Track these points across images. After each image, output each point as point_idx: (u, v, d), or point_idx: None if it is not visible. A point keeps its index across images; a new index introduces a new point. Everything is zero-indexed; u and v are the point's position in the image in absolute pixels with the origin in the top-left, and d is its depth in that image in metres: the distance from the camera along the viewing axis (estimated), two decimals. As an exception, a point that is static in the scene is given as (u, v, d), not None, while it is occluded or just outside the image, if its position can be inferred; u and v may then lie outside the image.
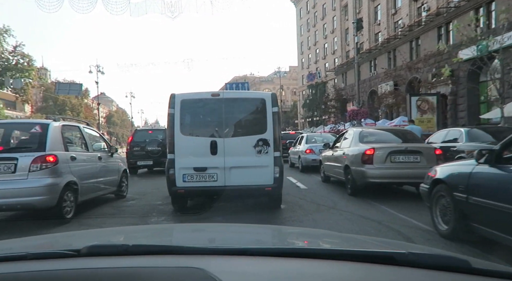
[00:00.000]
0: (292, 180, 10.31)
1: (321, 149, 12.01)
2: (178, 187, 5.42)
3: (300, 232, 1.95)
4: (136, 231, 1.94)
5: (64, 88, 28.33)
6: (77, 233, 2.26)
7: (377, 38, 38.84)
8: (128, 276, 0.85)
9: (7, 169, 4.95)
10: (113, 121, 79.07)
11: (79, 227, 5.19)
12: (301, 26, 56.75)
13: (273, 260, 0.99)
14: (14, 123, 8.14)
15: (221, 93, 5.82)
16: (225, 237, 1.56)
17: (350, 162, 7.21)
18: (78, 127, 6.54)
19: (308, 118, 50.93)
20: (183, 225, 2.64)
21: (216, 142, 5.46)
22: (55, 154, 5.25)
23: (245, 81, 28.89)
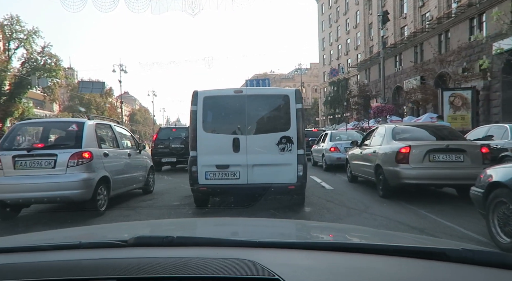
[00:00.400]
0: (316, 179, 9.71)
1: (347, 146, 11.34)
2: (200, 184, 5.36)
3: (341, 228, 1.95)
4: (173, 224, 1.98)
5: (87, 86, 28.76)
6: (119, 225, 2.38)
7: (402, 32, 37.36)
8: (176, 266, 0.86)
9: (47, 164, 5.26)
10: (136, 119, 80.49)
11: (112, 219, 5.41)
12: (322, 21, 55.51)
13: (324, 254, 0.99)
14: (53, 122, 8.48)
15: (244, 89, 5.70)
16: (265, 231, 1.53)
17: (382, 161, 6.55)
18: (109, 125, 6.82)
19: (329, 116, 49.87)
20: (217, 219, 2.64)
21: (239, 139, 5.37)
22: (90, 150, 5.53)
23: (266, 77, 28.28)
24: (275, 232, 1.55)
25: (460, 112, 14.20)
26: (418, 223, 4.67)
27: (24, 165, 5.29)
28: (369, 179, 7.55)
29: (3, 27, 35.45)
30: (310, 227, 1.84)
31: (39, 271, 0.87)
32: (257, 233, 1.50)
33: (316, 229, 1.73)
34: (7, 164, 5.27)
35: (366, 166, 7.47)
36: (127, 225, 2.24)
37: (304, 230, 1.66)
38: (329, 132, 12.80)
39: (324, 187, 8.30)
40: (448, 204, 5.88)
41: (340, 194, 7.24)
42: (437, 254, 0.96)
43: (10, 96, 35.55)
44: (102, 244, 1.07)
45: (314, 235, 1.54)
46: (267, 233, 1.51)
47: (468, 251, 0.95)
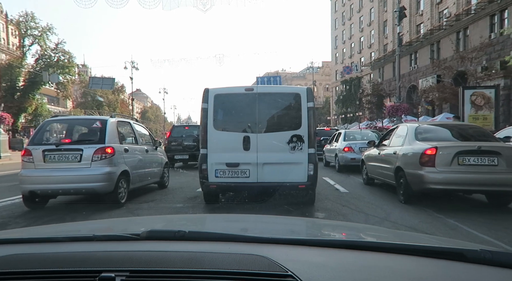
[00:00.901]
0: (329, 181, 9.14)
1: (362, 147, 10.73)
2: (210, 182, 5.34)
3: (353, 226, 1.91)
4: (185, 219, 2.02)
5: (97, 82, 28.62)
6: (132, 219, 2.38)
7: (418, 29, 36.28)
8: (188, 260, 0.87)
9: (74, 158, 5.65)
10: (147, 116, 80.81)
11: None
12: (335, 19, 54.49)
13: (337, 251, 0.99)
14: (78, 119, 8.84)
15: (255, 87, 5.59)
16: (276, 228, 1.52)
17: (404, 164, 5.96)
18: (129, 123, 7.16)
19: (341, 115, 48.95)
20: (228, 215, 2.56)
21: (249, 137, 5.31)
22: (113, 146, 5.87)
23: (277, 75, 27.58)
24: (286, 229, 1.52)
25: (482, 112, 13.36)
26: (448, 235, 4.08)
27: (53, 158, 5.67)
28: (387, 182, 6.95)
29: (18, 24, 35.72)
30: (321, 224, 1.82)
31: (56, 261, 0.90)
32: (268, 229, 1.49)
33: (327, 227, 1.71)
34: (38, 158, 5.65)
35: (385, 168, 6.87)
36: (140, 219, 2.26)
37: (315, 228, 1.63)
38: (343, 131, 12.18)
39: (339, 189, 7.73)
40: (480, 213, 5.26)
41: (356, 198, 6.67)
42: (455, 255, 0.95)
43: (24, 92, 35.87)
44: (115, 237, 1.08)
45: (326, 232, 1.51)
46: (278, 230, 1.49)
47: (486, 251, 0.92)
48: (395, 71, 38.69)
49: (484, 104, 13.42)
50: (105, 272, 0.79)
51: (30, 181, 5.64)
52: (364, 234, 1.46)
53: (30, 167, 5.69)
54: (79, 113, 48.36)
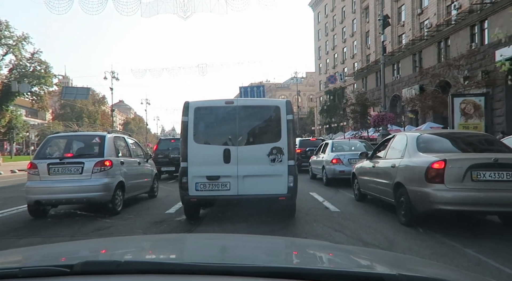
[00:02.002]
0: (317, 197, 8.17)
1: (351, 158, 9.85)
2: (190, 195, 5.28)
3: (298, 244, 1.88)
4: (141, 241, 1.91)
5: (71, 92, 27.10)
6: (78, 244, 2.17)
7: (400, 40, 36.38)
8: None
9: (76, 171, 6.11)
10: (130, 128, 78.72)
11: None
12: (319, 30, 54.57)
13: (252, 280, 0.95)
14: (79, 135, 9.45)
15: (235, 101, 5.60)
16: (233, 253, 1.48)
17: (406, 179, 5.05)
18: (123, 138, 7.77)
19: (325, 125, 48.54)
20: (193, 235, 2.49)
21: (230, 150, 5.28)
22: (111, 159, 6.37)
23: (261, 85, 26.72)
24: (240, 253, 1.46)
25: (473, 120, 12.77)
26: (467, 269, 3.12)
27: (57, 171, 6.13)
28: (384, 200, 6.03)
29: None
30: (272, 246, 1.65)
31: None
32: (226, 254, 1.44)
33: (277, 249, 1.58)
34: (43, 170, 6.11)
35: (381, 184, 5.96)
36: (87, 243, 2.00)
37: (254, 251, 1.50)
38: (330, 141, 11.30)
39: (329, 208, 6.76)
40: (499, 238, 4.36)
41: (350, 219, 5.69)
42: (375, 279, 0.95)
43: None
44: (43, 272, 0.99)
45: (259, 257, 1.39)
46: (247, 256, 1.40)
47: (403, 276, 0.93)
48: (379, 81, 38.66)
49: (474, 112, 12.85)
50: None
51: (36, 192, 6.05)
52: (302, 256, 1.43)
53: (36, 179, 6.15)
54: (58, 125, 46.37)
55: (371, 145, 11.52)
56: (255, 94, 25.87)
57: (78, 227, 5.47)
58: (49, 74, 34.14)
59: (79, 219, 6.24)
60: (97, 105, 54.78)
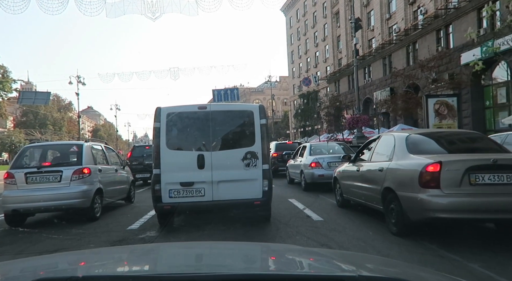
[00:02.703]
0: (297, 204, 7.61)
1: (331, 161, 9.40)
2: (164, 203, 5.14)
3: (271, 249, 1.84)
4: (109, 253, 1.87)
5: (29, 97, 25.13)
6: (35, 259, 2.02)
7: (370, 44, 36.99)
8: None
9: (54, 179, 6.22)
10: (99, 135, 75.49)
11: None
12: (291, 35, 54.79)
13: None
14: (56, 144, 9.82)
15: (208, 106, 5.53)
16: (209, 260, 1.46)
17: (395, 184, 4.56)
18: (100, 146, 7.91)
19: (300, 128, 48.58)
20: (159, 245, 2.38)
21: (203, 156, 5.20)
22: (89, 167, 6.49)
23: (234, 88, 26.05)
24: (211, 261, 1.44)
25: (446, 121, 12.79)
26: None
27: (35, 180, 6.20)
28: (370, 206, 5.55)
29: None
30: (244, 251, 1.65)
31: None
32: (199, 262, 1.42)
33: (249, 254, 1.58)
34: (20, 179, 6.17)
35: (367, 189, 5.47)
36: (41, 259, 1.88)
37: (229, 257, 1.51)
38: (308, 144, 10.81)
39: (310, 216, 6.19)
40: (502, 250, 3.93)
41: (335, 229, 5.13)
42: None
43: None
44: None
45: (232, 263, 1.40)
46: (208, 263, 1.41)
47: (364, 277, 0.93)
48: (351, 84, 39.10)
49: (448, 113, 12.87)
50: None
51: (13, 201, 6.09)
52: (275, 261, 1.45)
53: (13, 188, 6.19)
54: (19, 134, 43.47)
55: (349, 147, 11.15)
56: (229, 97, 25.19)
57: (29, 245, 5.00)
58: (7, 79, 31.78)
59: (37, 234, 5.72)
60: (63, 112, 51.90)
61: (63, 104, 55.33)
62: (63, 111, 51.27)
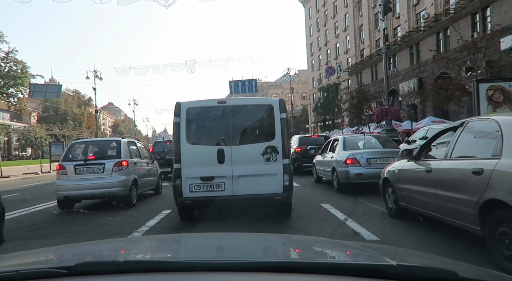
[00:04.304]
0: (333, 212, 5.94)
1: (371, 157, 7.66)
2: (185, 197, 5.15)
3: (296, 240, 1.87)
4: (139, 242, 1.99)
5: (40, 90, 24.32)
6: (75, 246, 2.15)
7: (396, 33, 34.53)
8: None
9: (98, 170, 7.20)
10: (119, 130, 75.72)
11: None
12: (310, 26, 52.46)
13: (262, 275, 0.95)
14: (98, 140, 11.11)
15: (228, 100, 5.50)
16: (230, 250, 1.48)
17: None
18: (134, 142, 8.76)
19: (320, 123, 46.54)
20: (190, 235, 2.35)
21: (223, 150, 5.14)
22: (127, 160, 7.41)
23: (253, 78, 24.36)
24: (237, 250, 1.46)
25: (502, 109, 10.71)
26: None
27: (82, 171, 7.18)
28: (450, 223, 3.81)
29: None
30: (273, 242, 1.68)
31: None
32: (223, 251, 1.45)
33: (277, 245, 1.58)
34: (70, 170, 7.16)
35: (448, 199, 3.71)
36: (81, 246, 1.96)
37: (258, 247, 1.51)
38: (340, 137, 9.05)
39: (359, 233, 4.49)
40: None
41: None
42: (374, 270, 0.95)
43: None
44: (42, 274, 0.97)
45: (263, 253, 1.39)
46: (231, 252, 1.43)
47: (402, 266, 0.93)
48: (375, 75, 36.73)
49: (504, 100, 10.78)
50: None
51: (65, 189, 7.06)
52: (302, 251, 1.42)
53: (64, 178, 7.15)
54: (40, 129, 43.45)
55: (391, 140, 9.32)
56: (246, 89, 23.60)
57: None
58: (26, 75, 31.23)
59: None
60: (83, 107, 51.74)
61: (83, 100, 55.28)
62: (83, 107, 51.17)
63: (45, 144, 36.10)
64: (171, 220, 5.93)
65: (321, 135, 15.37)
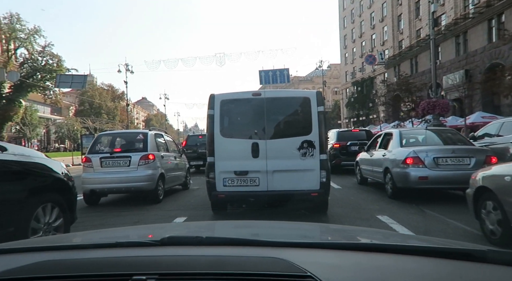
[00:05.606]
0: (398, 228, 4.35)
1: (440, 157, 5.96)
2: (218, 191, 5.02)
3: (363, 230, 1.96)
4: (197, 226, 2.04)
5: (66, 81, 24.24)
6: (149, 226, 2.34)
7: (439, 21, 31.40)
8: (210, 263, 0.87)
9: (124, 163, 6.83)
10: (151, 124, 76.81)
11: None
12: (344, 17, 49.74)
13: (350, 253, 0.98)
14: (124, 132, 10.85)
15: (263, 92, 5.22)
16: (289, 233, 1.49)
17: None
18: (162, 134, 8.30)
19: (352, 118, 44.10)
20: (240, 222, 2.40)
21: (258, 144, 4.98)
22: (153, 153, 7.03)
23: (285, 68, 22.71)
24: (299, 234, 1.47)
25: None
26: None
27: (108, 164, 6.86)
28: None
29: (1, 25, 31.77)
30: (333, 229, 1.79)
31: (85, 266, 0.91)
32: (280, 234, 1.46)
33: (338, 231, 1.67)
34: (96, 163, 6.85)
35: None
36: (157, 227, 2.21)
37: (327, 232, 1.58)
38: (395, 131, 7.31)
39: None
40: None
41: None
42: (462, 255, 0.94)
43: (9, 100, 31.76)
44: (137, 243, 1.09)
45: (338, 236, 1.46)
46: (290, 234, 1.44)
47: (493, 251, 0.92)
48: (415, 67, 33.74)
49: None
50: (136, 275, 0.78)
51: (91, 182, 6.75)
52: (373, 237, 1.41)
53: (90, 171, 6.86)
54: (74, 121, 44.36)
55: (464, 136, 7.46)
56: (277, 79, 22.01)
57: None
58: (61, 68, 31.52)
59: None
60: (116, 101, 52.48)
61: (117, 94, 56.10)
62: (116, 101, 51.87)
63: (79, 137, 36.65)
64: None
65: (362, 130, 13.54)
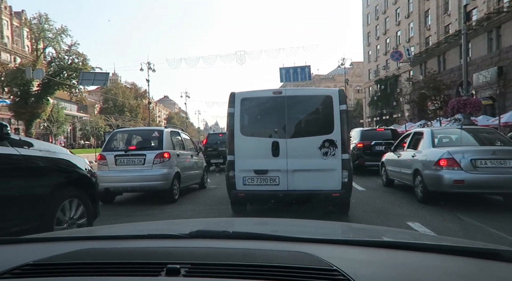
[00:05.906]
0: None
1: (478, 158, 5.41)
2: (238, 190, 4.99)
3: (387, 230, 1.97)
4: (224, 222, 2.12)
5: (88, 78, 24.71)
6: (177, 221, 2.68)
7: (470, 16, 29.79)
8: (238, 255, 0.89)
9: (139, 162, 6.66)
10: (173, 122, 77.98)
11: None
12: (368, 14, 48.31)
13: (377, 250, 0.99)
14: (139, 130, 11.32)
15: (284, 90, 5.16)
16: (312, 230, 1.53)
17: None
18: (178, 132, 8.11)
19: (376, 117, 42.83)
20: (263, 219, 2.34)
21: (278, 143, 4.91)
22: (169, 151, 6.85)
23: (306, 65, 22.17)
24: (322, 231, 1.49)
25: None
26: None
27: (122, 162, 6.70)
28: None
29: (31, 25, 32.86)
30: (356, 228, 1.84)
31: (123, 254, 0.95)
32: (304, 231, 1.50)
33: (362, 230, 1.69)
34: (111, 161, 6.70)
35: None
36: (184, 222, 2.31)
37: (350, 230, 1.61)
38: (427, 130, 6.74)
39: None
40: None
41: None
42: (491, 255, 0.95)
43: (38, 98, 32.85)
44: (168, 236, 1.15)
45: (362, 234, 1.48)
46: (314, 231, 1.48)
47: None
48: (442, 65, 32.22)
49: None
50: (170, 264, 0.82)
51: (105, 180, 6.33)
52: (397, 236, 1.42)
53: (105, 169, 6.70)
54: (98, 119, 45.44)
55: (504, 136, 6.80)
56: (298, 76, 21.51)
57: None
58: (87, 67, 32.28)
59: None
60: (139, 99, 53.43)
61: (140, 92, 57.14)
62: (139, 98, 52.77)
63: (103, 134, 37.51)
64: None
65: (388, 129, 12.86)
